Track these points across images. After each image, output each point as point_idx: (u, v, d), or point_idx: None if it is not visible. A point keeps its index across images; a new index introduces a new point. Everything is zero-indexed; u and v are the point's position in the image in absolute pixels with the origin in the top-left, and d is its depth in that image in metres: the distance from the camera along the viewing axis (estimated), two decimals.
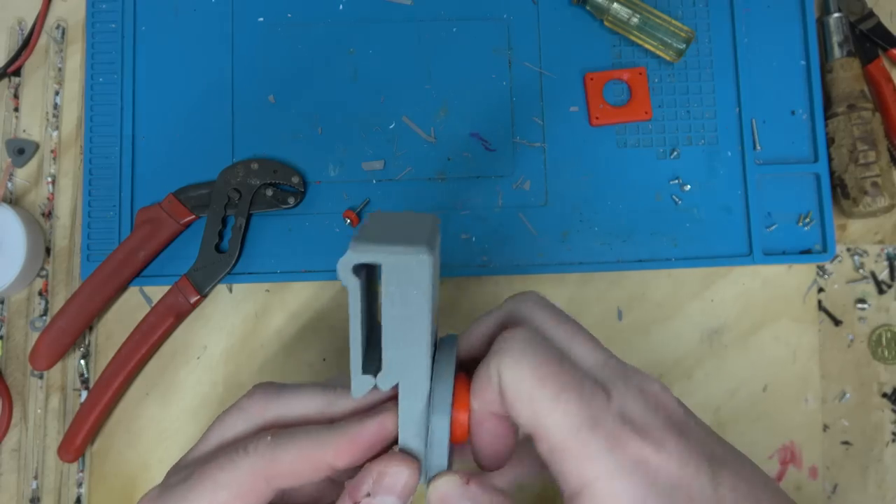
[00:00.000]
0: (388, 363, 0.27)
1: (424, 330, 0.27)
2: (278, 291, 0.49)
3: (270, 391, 0.30)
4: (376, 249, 0.25)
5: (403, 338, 0.27)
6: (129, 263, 0.47)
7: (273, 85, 0.50)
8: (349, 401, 0.29)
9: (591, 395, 0.26)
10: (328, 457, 0.27)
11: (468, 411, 0.28)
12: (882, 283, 0.50)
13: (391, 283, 0.26)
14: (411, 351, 0.27)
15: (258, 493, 0.28)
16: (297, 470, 0.27)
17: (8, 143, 0.50)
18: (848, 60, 0.50)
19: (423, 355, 0.27)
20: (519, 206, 0.49)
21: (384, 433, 0.28)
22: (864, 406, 0.49)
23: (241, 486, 0.27)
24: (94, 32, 0.50)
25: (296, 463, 0.27)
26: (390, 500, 0.27)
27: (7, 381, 0.48)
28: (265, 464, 0.27)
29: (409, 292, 0.26)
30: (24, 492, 0.47)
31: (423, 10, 0.51)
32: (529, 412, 0.26)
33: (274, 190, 0.48)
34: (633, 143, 0.50)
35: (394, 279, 0.26)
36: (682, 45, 0.49)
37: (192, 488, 0.28)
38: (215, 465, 0.28)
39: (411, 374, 0.27)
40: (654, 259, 0.49)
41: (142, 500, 0.29)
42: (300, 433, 0.28)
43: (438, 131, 0.50)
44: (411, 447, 0.28)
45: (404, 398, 0.27)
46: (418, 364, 0.27)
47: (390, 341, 0.27)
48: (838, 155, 0.49)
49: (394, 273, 0.26)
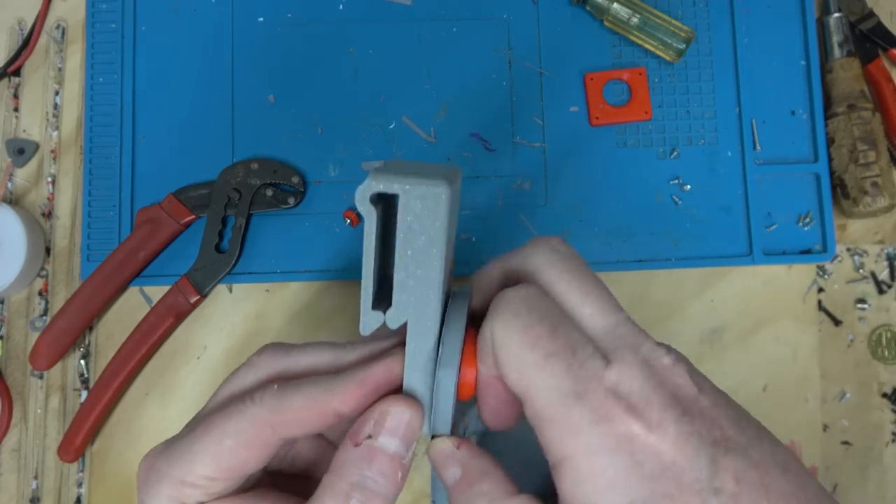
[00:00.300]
0: (399, 300, 0.27)
1: (438, 267, 0.26)
2: (278, 291, 0.49)
3: (279, 348, 0.30)
4: (396, 179, 0.25)
5: (416, 274, 0.26)
6: (129, 263, 0.47)
7: (273, 85, 0.50)
8: (356, 353, 0.29)
9: (583, 364, 0.24)
10: (334, 402, 0.27)
11: (476, 369, 0.28)
12: (882, 283, 0.50)
13: (408, 215, 0.26)
14: (423, 289, 0.26)
15: (264, 442, 0.27)
16: (302, 417, 0.27)
17: (8, 143, 0.50)
18: (848, 60, 0.50)
19: (435, 295, 0.26)
20: (519, 206, 0.49)
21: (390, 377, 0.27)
22: (864, 406, 0.49)
23: (246, 434, 0.27)
24: (94, 32, 0.50)
25: (302, 410, 0.27)
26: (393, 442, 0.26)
27: (7, 381, 0.48)
28: (271, 412, 0.27)
29: (425, 226, 0.26)
30: (24, 492, 0.47)
31: (423, 10, 0.51)
32: (516, 376, 0.25)
33: (274, 190, 0.48)
34: (633, 143, 0.50)
35: (411, 211, 0.25)
36: (682, 45, 0.49)
37: (198, 438, 0.27)
38: (223, 414, 0.28)
39: (421, 313, 0.27)
40: (654, 259, 0.49)
41: (148, 454, 0.29)
42: (307, 381, 0.28)
43: (438, 131, 0.50)
44: (416, 390, 0.27)
45: (412, 338, 0.27)
46: (429, 303, 0.26)
47: (402, 277, 0.26)
48: (838, 155, 0.49)
49: (411, 205, 0.25)
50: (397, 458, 0.26)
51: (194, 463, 0.27)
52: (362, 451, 0.26)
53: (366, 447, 0.26)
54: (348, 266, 0.49)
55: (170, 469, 0.27)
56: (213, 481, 0.27)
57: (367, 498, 0.26)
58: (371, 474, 0.26)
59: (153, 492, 0.27)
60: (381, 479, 0.26)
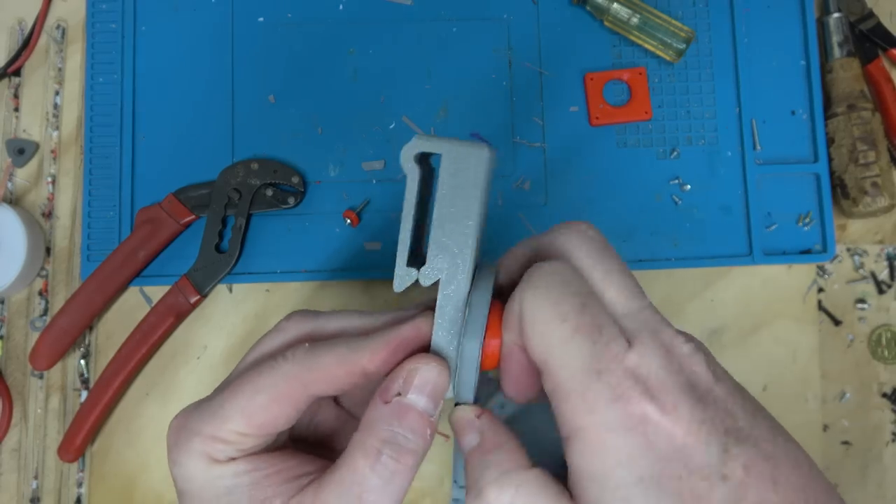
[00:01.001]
0: (433, 258, 0.28)
1: (473, 228, 0.27)
2: (278, 291, 0.49)
3: (308, 313, 0.31)
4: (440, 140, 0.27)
5: (452, 233, 0.27)
6: (129, 263, 0.47)
7: (273, 85, 0.50)
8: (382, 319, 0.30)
9: (607, 343, 0.25)
10: (363, 360, 0.28)
11: (500, 340, 0.28)
12: (882, 283, 0.50)
13: (448, 174, 0.27)
14: (457, 248, 0.27)
15: (295, 398, 0.28)
16: (332, 374, 0.28)
17: (8, 143, 0.50)
18: (848, 60, 0.50)
19: (469, 254, 0.28)
20: (519, 206, 0.49)
21: (419, 336, 0.28)
22: (864, 406, 0.49)
23: (278, 390, 0.28)
24: (94, 32, 0.50)
25: (332, 367, 0.28)
26: (422, 399, 0.27)
27: (7, 381, 0.48)
28: (302, 369, 0.28)
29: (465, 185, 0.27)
30: (24, 492, 0.47)
31: (423, 10, 0.51)
32: (541, 347, 0.26)
33: (274, 190, 0.48)
34: (633, 143, 0.50)
35: (451, 170, 0.27)
36: (682, 45, 0.49)
37: (230, 395, 0.28)
38: (255, 371, 0.28)
39: (454, 272, 0.28)
40: (654, 259, 0.49)
41: (178, 414, 0.30)
42: (337, 341, 0.29)
43: (438, 131, 0.50)
44: (443, 350, 0.28)
45: (443, 296, 0.28)
46: (462, 263, 0.28)
47: (438, 235, 0.28)
48: (838, 155, 0.49)
49: (453, 165, 0.27)
50: (426, 414, 0.27)
51: (226, 419, 0.28)
52: (392, 407, 0.27)
53: (395, 404, 0.27)
54: (348, 266, 0.49)
55: (201, 426, 0.28)
56: (244, 437, 0.28)
57: (397, 453, 0.26)
58: (401, 430, 0.27)
59: (184, 448, 0.28)
60: (411, 434, 0.27)
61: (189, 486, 0.28)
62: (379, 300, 0.49)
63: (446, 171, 0.27)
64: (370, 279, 0.49)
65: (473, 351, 0.27)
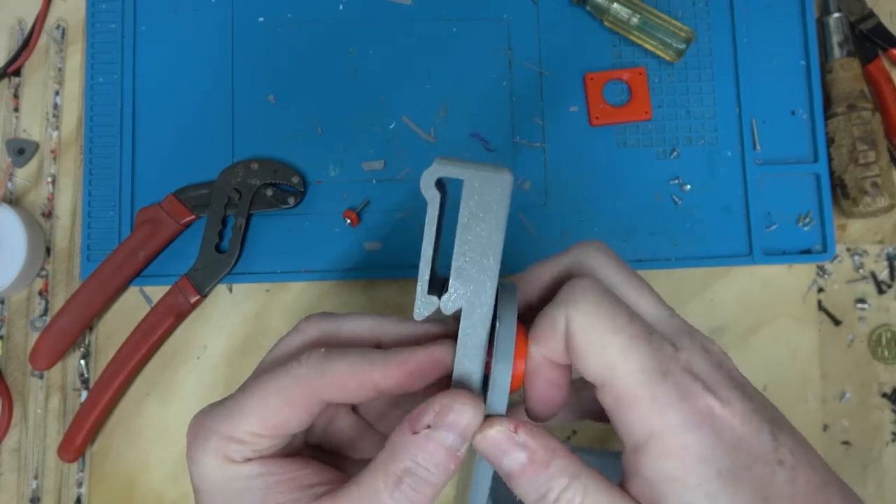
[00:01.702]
0: (456, 287, 0.27)
1: (496, 255, 0.27)
2: (278, 291, 0.49)
3: (324, 315, 0.31)
4: (462, 165, 0.26)
5: (475, 261, 0.27)
6: (129, 263, 0.47)
7: (273, 85, 0.50)
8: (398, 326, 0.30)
9: (661, 347, 0.26)
10: (375, 375, 0.28)
11: (524, 360, 0.28)
12: (882, 283, 0.50)
13: (471, 201, 0.26)
14: (480, 276, 0.27)
15: (307, 403, 0.28)
16: (344, 383, 0.28)
17: (8, 143, 0.50)
18: (848, 60, 0.50)
19: (491, 283, 0.27)
20: (519, 206, 0.49)
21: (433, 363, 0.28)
22: (864, 406, 0.49)
23: (291, 393, 0.28)
24: (94, 32, 0.50)
25: (344, 376, 0.28)
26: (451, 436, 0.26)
27: (7, 381, 0.48)
28: (316, 374, 0.28)
29: (487, 212, 0.26)
30: (24, 492, 0.47)
31: (423, 10, 0.51)
32: (600, 360, 0.26)
33: (274, 190, 0.48)
34: (633, 143, 0.50)
35: (474, 197, 0.26)
36: (682, 45, 0.49)
37: (246, 396, 0.28)
38: (270, 374, 0.29)
39: (477, 300, 0.27)
40: (654, 259, 0.49)
41: (198, 413, 0.29)
42: (352, 351, 0.29)
43: (438, 131, 0.50)
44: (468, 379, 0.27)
45: (466, 325, 0.27)
46: (485, 291, 0.27)
47: (461, 263, 0.27)
48: (838, 155, 0.49)
49: (475, 190, 0.26)
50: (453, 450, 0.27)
51: (241, 419, 0.28)
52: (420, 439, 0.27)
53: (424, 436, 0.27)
54: (348, 266, 0.49)
55: (218, 425, 0.28)
56: (259, 438, 0.28)
57: (418, 485, 0.26)
58: (425, 463, 0.26)
59: (201, 447, 0.28)
60: (435, 469, 0.26)
61: (204, 484, 0.28)
62: (378, 300, 0.49)
63: (468, 196, 0.26)
64: (370, 279, 0.49)
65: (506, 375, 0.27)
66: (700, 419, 0.25)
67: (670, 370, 0.26)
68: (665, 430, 0.25)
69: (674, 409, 0.25)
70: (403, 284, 0.49)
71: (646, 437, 0.25)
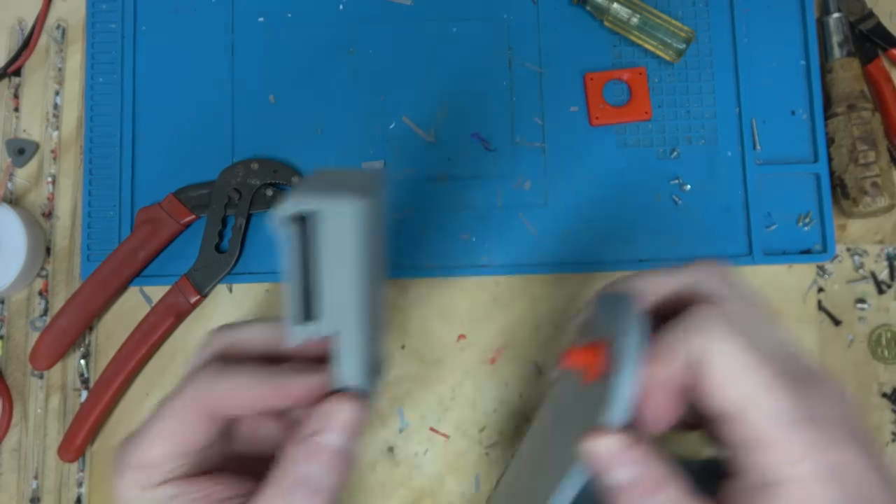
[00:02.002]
0: (323, 312, 0.28)
1: (358, 279, 0.27)
2: (278, 291, 0.49)
3: (226, 327, 0.32)
4: (309, 198, 0.26)
5: (338, 287, 0.27)
6: (129, 263, 0.47)
7: (273, 85, 0.50)
8: None
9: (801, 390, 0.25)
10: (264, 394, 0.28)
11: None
12: (882, 283, 0.50)
13: (324, 231, 0.27)
14: (346, 301, 0.27)
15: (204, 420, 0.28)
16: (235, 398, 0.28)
17: (8, 143, 0.50)
18: (848, 60, 0.50)
19: (356, 304, 0.27)
20: (519, 206, 0.49)
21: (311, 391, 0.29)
22: (864, 406, 0.49)
23: (186, 413, 0.28)
24: (94, 32, 0.50)
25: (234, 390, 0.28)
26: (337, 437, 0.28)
27: (7, 381, 0.48)
28: (207, 390, 0.28)
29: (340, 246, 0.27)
30: (24, 492, 0.47)
31: (423, 10, 0.51)
32: (737, 395, 0.25)
33: (274, 190, 0.48)
34: (633, 143, 0.50)
35: (324, 229, 0.26)
36: (682, 45, 0.49)
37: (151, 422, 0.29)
38: (171, 394, 0.29)
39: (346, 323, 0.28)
40: (654, 259, 0.49)
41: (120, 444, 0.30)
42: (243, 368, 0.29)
43: (438, 131, 0.50)
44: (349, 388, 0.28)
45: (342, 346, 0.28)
46: (351, 313, 0.28)
47: (325, 290, 0.27)
48: (838, 155, 0.49)
49: (326, 221, 0.26)
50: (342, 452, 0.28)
51: (147, 446, 0.28)
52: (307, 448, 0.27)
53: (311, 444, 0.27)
54: None
55: (129, 456, 0.29)
56: (167, 460, 0.28)
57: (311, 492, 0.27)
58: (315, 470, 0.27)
59: (119, 480, 0.29)
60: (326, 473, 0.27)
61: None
62: None
63: (319, 228, 0.26)
64: None
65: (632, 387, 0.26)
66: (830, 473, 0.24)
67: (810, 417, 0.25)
68: (795, 479, 0.25)
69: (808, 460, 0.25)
70: (403, 284, 0.49)
71: (773, 481, 0.25)
